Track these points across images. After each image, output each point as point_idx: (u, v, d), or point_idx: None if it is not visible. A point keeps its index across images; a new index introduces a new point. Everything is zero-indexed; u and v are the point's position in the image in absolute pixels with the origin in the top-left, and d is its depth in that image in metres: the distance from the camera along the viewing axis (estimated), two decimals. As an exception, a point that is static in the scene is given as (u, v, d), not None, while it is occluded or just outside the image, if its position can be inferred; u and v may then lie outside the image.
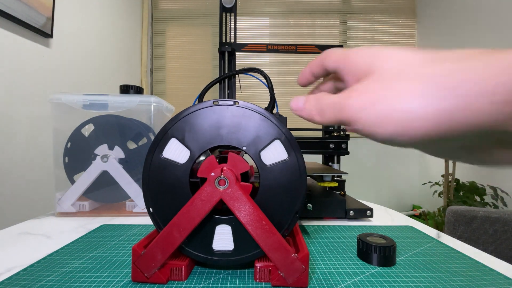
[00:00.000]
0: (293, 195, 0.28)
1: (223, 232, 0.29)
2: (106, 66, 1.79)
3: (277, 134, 0.28)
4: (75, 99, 0.51)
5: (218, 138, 0.29)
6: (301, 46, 0.67)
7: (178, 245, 0.27)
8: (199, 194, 0.27)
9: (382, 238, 0.33)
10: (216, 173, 0.27)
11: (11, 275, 0.28)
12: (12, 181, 1.10)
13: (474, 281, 0.28)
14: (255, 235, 0.26)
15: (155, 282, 0.27)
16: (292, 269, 0.26)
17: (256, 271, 0.28)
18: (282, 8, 2.47)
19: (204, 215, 0.27)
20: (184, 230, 0.26)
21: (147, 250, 0.27)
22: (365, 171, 2.44)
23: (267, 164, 0.28)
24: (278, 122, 0.29)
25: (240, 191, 0.27)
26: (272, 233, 0.26)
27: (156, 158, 0.29)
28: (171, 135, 0.29)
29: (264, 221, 0.26)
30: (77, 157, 0.52)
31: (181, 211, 0.27)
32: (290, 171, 0.28)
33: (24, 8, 1.12)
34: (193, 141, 0.29)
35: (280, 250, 0.26)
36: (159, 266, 0.27)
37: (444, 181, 1.53)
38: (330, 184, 0.57)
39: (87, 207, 0.52)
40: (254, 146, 0.28)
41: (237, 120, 0.28)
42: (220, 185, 0.27)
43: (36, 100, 1.22)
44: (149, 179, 0.29)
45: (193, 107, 0.29)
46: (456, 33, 2.01)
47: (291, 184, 0.28)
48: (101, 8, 1.75)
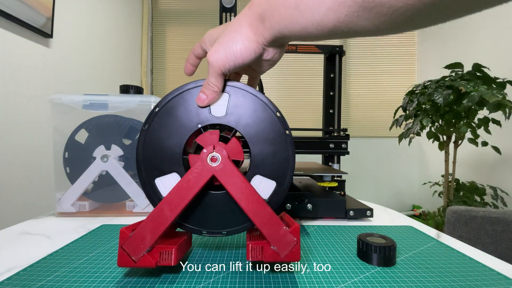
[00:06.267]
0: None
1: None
2: (106, 66, 1.79)
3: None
4: (75, 99, 0.51)
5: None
6: (301, 46, 0.67)
7: (169, 225, 0.26)
8: (191, 171, 0.27)
9: (382, 238, 0.33)
10: (209, 150, 0.27)
11: (11, 275, 0.28)
12: (12, 181, 1.10)
13: (474, 281, 0.28)
14: (247, 210, 0.27)
15: (143, 266, 0.26)
16: (284, 242, 0.26)
17: (248, 250, 0.27)
18: (282, 8, 2.46)
19: (196, 192, 0.27)
20: (176, 208, 0.26)
21: (137, 231, 0.26)
22: (365, 171, 2.44)
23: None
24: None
25: (232, 168, 0.27)
26: (264, 208, 0.27)
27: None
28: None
29: (256, 196, 0.27)
30: (78, 165, 0.52)
31: (173, 189, 0.26)
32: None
33: (24, 8, 1.12)
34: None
35: (272, 223, 0.26)
36: (148, 248, 0.26)
37: (444, 181, 1.53)
38: (330, 184, 0.57)
39: (87, 207, 0.52)
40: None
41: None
42: (212, 162, 0.27)
43: (36, 100, 1.22)
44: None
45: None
46: (456, 33, 2.01)
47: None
48: (101, 8, 1.75)
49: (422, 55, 2.39)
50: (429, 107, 1.44)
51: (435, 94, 1.31)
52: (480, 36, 1.79)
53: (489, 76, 1.30)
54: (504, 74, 1.52)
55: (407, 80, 2.45)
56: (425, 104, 1.44)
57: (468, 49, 1.89)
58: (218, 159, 0.27)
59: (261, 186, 0.29)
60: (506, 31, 1.62)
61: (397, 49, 2.46)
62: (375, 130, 2.44)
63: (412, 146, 2.37)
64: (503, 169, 1.62)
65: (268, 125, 0.29)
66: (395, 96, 2.43)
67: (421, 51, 2.41)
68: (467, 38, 1.90)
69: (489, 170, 1.71)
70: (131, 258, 0.26)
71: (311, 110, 2.40)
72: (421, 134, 1.48)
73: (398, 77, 2.46)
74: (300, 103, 2.41)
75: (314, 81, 2.41)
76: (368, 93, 2.45)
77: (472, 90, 1.21)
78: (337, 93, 0.69)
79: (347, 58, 2.45)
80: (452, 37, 2.05)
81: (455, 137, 1.46)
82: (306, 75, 2.42)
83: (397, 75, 2.46)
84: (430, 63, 2.29)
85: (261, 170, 0.29)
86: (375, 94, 2.45)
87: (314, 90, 2.40)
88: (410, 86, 1.67)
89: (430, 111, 1.44)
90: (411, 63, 2.47)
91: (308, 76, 2.42)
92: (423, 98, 1.38)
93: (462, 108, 1.28)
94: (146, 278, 0.28)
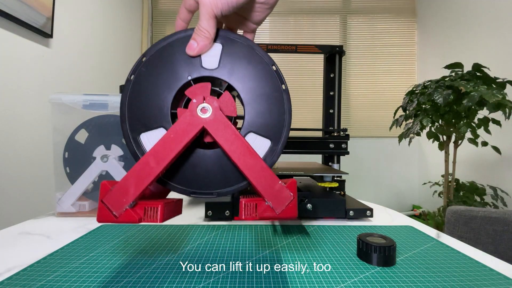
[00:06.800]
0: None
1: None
2: (106, 66, 1.79)
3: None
4: (75, 99, 0.51)
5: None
6: (301, 46, 0.67)
7: (154, 179, 0.24)
8: (179, 121, 0.25)
9: (382, 238, 0.33)
10: (198, 100, 0.25)
11: (11, 275, 0.28)
12: (12, 181, 1.10)
13: (474, 281, 0.28)
14: (241, 164, 0.25)
15: (125, 222, 0.24)
16: (280, 198, 0.25)
17: (241, 208, 0.26)
18: (282, 8, 2.47)
19: (184, 144, 0.25)
20: (162, 160, 0.24)
21: (119, 184, 0.24)
22: (365, 171, 2.44)
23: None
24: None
25: (224, 119, 0.25)
26: (258, 161, 0.25)
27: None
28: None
29: (249, 149, 0.25)
30: (78, 165, 0.52)
31: (160, 140, 0.25)
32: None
33: (24, 8, 1.12)
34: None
35: (266, 178, 0.25)
36: (131, 202, 0.24)
37: (444, 181, 1.53)
38: (331, 184, 0.57)
39: (87, 207, 0.52)
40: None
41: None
42: (202, 113, 0.25)
43: (36, 100, 1.22)
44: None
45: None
46: (456, 33, 2.01)
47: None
48: (101, 8, 1.75)
49: (422, 55, 2.40)
50: (429, 107, 1.44)
51: (435, 94, 1.31)
52: (480, 36, 1.79)
53: (489, 76, 1.30)
54: (504, 74, 1.52)
55: (407, 80, 2.46)
56: (425, 104, 1.44)
57: (468, 49, 1.89)
58: (209, 110, 0.25)
59: (255, 145, 0.27)
60: (506, 31, 1.62)
61: (397, 49, 2.46)
62: (375, 130, 2.44)
63: (412, 146, 2.37)
64: (503, 169, 1.62)
65: (263, 79, 0.27)
66: (395, 96, 2.43)
67: (421, 51, 2.41)
68: (467, 38, 1.90)
69: (489, 170, 1.71)
70: (112, 213, 0.24)
71: (311, 110, 2.40)
72: (421, 134, 1.48)
73: (398, 77, 2.46)
74: (300, 103, 2.41)
75: (314, 81, 2.41)
76: (368, 93, 2.46)
77: (472, 90, 1.21)
78: (337, 93, 0.69)
79: (347, 58, 2.45)
80: (452, 37, 2.05)
81: (455, 137, 1.46)
82: (306, 75, 2.42)
83: (397, 75, 2.46)
84: (430, 63, 2.29)
85: (255, 127, 0.27)
86: (375, 94, 2.45)
87: (314, 90, 2.40)
88: (410, 86, 1.67)
89: (430, 111, 1.44)
90: (411, 63, 2.47)
91: (308, 76, 2.42)
92: (423, 98, 1.38)
93: (462, 108, 1.28)
94: (145, 278, 0.28)
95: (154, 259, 0.32)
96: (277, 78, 0.28)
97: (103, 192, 0.24)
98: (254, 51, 0.28)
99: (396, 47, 2.46)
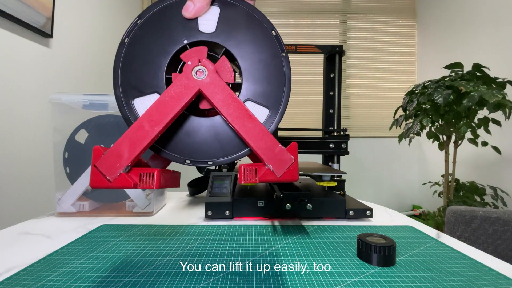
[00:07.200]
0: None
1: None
2: (106, 66, 1.79)
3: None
4: (75, 99, 0.51)
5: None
6: (301, 46, 0.67)
7: (149, 143, 0.24)
8: (174, 84, 0.24)
9: (382, 238, 0.33)
10: (193, 62, 0.24)
11: (11, 275, 0.28)
12: (12, 181, 1.10)
13: (474, 281, 0.28)
14: (239, 128, 0.24)
15: (120, 186, 0.23)
16: (281, 160, 0.24)
17: (240, 172, 0.25)
18: (282, 8, 2.47)
19: (179, 108, 0.24)
20: (156, 124, 0.23)
21: (112, 148, 0.23)
22: (365, 171, 2.44)
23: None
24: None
25: (220, 81, 0.24)
26: (256, 124, 0.24)
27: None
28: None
29: (247, 112, 0.24)
30: (78, 165, 0.52)
31: (155, 103, 0.24)
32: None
33: (24, 8, 1.12)
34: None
35: (266, 140, 0.24)
36: (126, 167, 0.23)
37: (444, 181, 1.53)
38: (330, 183, 0.57)
39: (87, 207, 0.52)
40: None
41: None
42: (198, 75, 0.24)
43: (36, 100, 1.22)
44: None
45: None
46: (456, 33, 2.01)
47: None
48: (101, 8, 1.75)
49: (422, 55, 2.40)
50: (429, 107, 1.44)
51: (435, 94, 1.31)
52: (480, 36, 1.79)
53: (489, 76, 1.30)
54: (504, 74, 1.52)
55: (407, 80, 2.46)
56: (425, 104, 1.44)
57: (468, 49, 1.89)
58: (205, 73, 0.24)
59: (253, 113, 0.26)
60: (506, 31, 1.62)
61: (397, 49, 2.46)
62: (375, 130, 2.44)
63: (412, 146, 2.37)
64: (503, 169, 1.62)
65: (262, 45, 0.26)
66: (395, 96, 2.43)
67: (421, 51, 2.41)
68: (467, 38, 1.90)
69: (489, 170, 1.71)
70: (106, 178, 0.23)
71: (311, 110, 2.40)
72: (421, 134, 1.48)
73: (398, 77, 2.46)
74: (300, 103, 2.41)
75: (314, 81, 2.41)
76: (368, 93, 2.46)
77: (472, 90, 1.21)
78: (337, 93, 0.69)
79: (347, 58, 2.45)
80: (452, 37, 2.05)
81: (455, 137, 1.46)
82: (306, 75, 2.42)
83: (397, 75, 2.46)
84: (430, 63, 2.29)
85: (253, 95, 0.26)
86: (375, 94, 2.45)
87: (314, 90, 2.40)
88: (410, 86, 1.67)
89: (430, 111, 1.44)
90: (411, 63, 2.47)
91: (308, 76, 2.42)
92: (423, 98, 1.38)
93: (462, 108, 1.28)
94: (145, 278, 0.28)
95: (154, 259, 0.32)
96: (277, 44, 0.27)
97: (96, 157, 0.23)
98: (253, 15, 0.26)
99: (396, 47, 2.46)
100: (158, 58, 0.26)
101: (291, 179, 0.24)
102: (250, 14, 0.27)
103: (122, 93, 0.26)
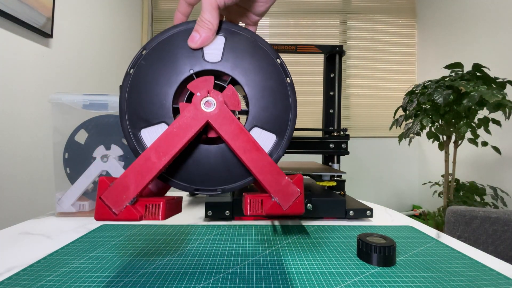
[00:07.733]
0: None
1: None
2: (106, 66, 1.79)
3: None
4: (75, 99, 0.51)
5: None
6: (301, 46, 0.67)
7: (156, 174, 0.23)
8: (183, 115, 0.24)
9: (382, 238, 0.33)
10: (203, 93, 0.24)
11: (11, 275, 0.28)
12: (12, 181, 1.10)
13: (474, 281, 0.28)
14: (246, 159, 0.24)
15: (125, 219, 0.22)
16: (287, 193, 0.24)
17: (246, 204, 0.25)
18: (282, 8, 2.47)
19: (187, 139, 0.24)
20: (164, 155, 0.23)
21: (118, 180, 0.23)
22: (365, 171, 2.44)
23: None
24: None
25: (229, 113, 0.25)
26: (263, 156, 0.24)
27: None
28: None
29: (255, 144, 0.24)
30: (78, 165, 0.52)
31: (162, 135, 0.24)
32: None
33: (24, 8, 1.12)
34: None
35: (273, 173, 0.24)
36: (132, 200, 0.23)
37: (444, 181, 1.53)
38: (329, 183, 0.57)
39: (87, 207, 0.52)
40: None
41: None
42: (206, 107, 0.25)
43: (36, 100, 1.22)
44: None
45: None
46: (456, 33, 2.01)
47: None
48: (101, 8, 1.75)
49: (422, 55, 2.40)
50: (429, 107, 1.44)
51: (435, 94, 1.31)
52: (480, 36, 1.79)
53: (489, 76, 1.30)
54: (504, 74, 1.52)
55: (407, 80, 2.46)
56: (425, 104, 1.44)
57: (468, 49, 1.89)
58: (213, 104, 0.25)
59: (260, 140, 0.27)
60: (506, 31, 1.62)
61: (397, 49, 2.46)
62: (375, 130, 2.44)
63: (412, 146, 2.37)
64: (503, 169, 1.62)
65: (267, 72, 0.27)
66: (395, 96, 2.43)
67: (421, 51, 2.41)
68: (467, 38, 1.90)
69: (489, 170, 1.71)
70: (112, 210, 0.22)
71: (311, 110, 2.40)
72: (421, 134, 1.48)
73: (398, 77, 2.46)
74: (300, 103, 2.41)
75: (314, 81, 2.41)
76: (368, 93, 2.46)
77: (472, 90, 1.21)
78: (337, 93, 0.69)
79: (347, 58, 2.45)
80: (452, 37, 2.05)
81: (455, 137, 1.46)
82: (306, 75, 2.42)
83: (397, 75, 2.46)
84: (430, 63, 2.29)
85: (260, 122, 0.27)
86: (375, 94, 2.45)
87: (314, 90, 2.40)
88: (410, 86, 1.67)
89: (430, 111, 1.44)
90: (411, 63, 2.47)
91: (308, 76, 2.42)
92: (423, 98, 1.38)
93: (462, 108, 1.28)
94: (145, 278, 0.28)
95: (154, 259, 0.32)
96: (281, 71, 0.27)
97: (101, 189, 0.23)
98: (258, 43, 0.27)
99: (396, 47, 2.46)
100: (165, 88, 0.26)
101: (297, 212, 0.24)
102: (254, 43, 0.27)
103: (129, 124, 0.26)
